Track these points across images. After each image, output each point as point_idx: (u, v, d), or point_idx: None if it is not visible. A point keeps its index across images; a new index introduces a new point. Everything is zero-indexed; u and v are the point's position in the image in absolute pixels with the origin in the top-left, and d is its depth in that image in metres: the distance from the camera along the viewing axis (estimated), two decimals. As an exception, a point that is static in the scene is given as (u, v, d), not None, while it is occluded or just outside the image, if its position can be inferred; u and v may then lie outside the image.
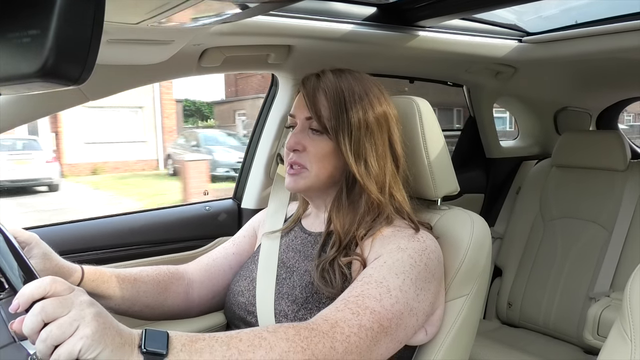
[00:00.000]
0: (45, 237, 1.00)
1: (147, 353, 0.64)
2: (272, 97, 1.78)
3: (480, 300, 1.07)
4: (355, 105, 1.00)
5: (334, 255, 0.98)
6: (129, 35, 1.07)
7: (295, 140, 1.03)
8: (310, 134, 1.03)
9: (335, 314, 0.81)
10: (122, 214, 1.68)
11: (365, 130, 1.00)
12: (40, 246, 0.96)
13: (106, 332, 0.62)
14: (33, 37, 0.45)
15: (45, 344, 0.60)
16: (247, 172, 1.83)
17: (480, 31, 1.82)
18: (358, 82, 1.04)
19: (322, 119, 1.01)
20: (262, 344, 0.72)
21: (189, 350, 0.67)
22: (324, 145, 1.02)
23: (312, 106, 1.01)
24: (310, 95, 1.02)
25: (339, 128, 1.00)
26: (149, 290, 1.09)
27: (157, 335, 0.66)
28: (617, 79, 2.35)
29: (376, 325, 0.82)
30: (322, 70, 1.06)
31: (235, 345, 0.70)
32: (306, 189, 1.05)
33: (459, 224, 1.07)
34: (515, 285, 2.25)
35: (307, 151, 1.03)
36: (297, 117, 1.05)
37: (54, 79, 0.46)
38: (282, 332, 0.75)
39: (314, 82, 1.04)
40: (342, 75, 1.04)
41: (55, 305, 0.62)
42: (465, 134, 2.57)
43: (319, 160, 1.02)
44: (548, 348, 2.01)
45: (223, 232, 1.74)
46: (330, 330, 0.78)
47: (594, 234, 2.08)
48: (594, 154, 2.16)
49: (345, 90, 1.01)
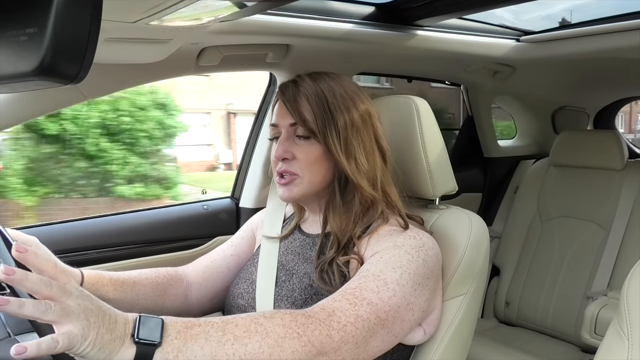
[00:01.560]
0: (44, 236, 1.00)
1: (139, 343, 0.64)
2: (270, 96, 1.77)
3: (478, 300, 1.07)
4: (339, 106, 1.00)
5: (333, 256, 0.98)
6: (126, 34, 1.07)
7: (283, 148, 1.02)
8: (297, 141, 1.02)
9: (333, 304, 0.82)
10: (119, 213, 1.68)
11: (351, 129, 1.00)
12: (40, 249, 0.96)
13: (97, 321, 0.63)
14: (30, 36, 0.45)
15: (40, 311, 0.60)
16: (245, 171, 1.83)
17: (478, 30, 1.82)
18: (336, 83, 1.03)
19: (308, 124, 1.00)
20: (258, 330, 0.72)
21: (184, 337, 0.67)
22: (313, 149, 1.01)
23: (295, 112, 1.00)
24: (292, 102, 1.01)
25: (326, 130, 0.99)
26: (148, 293, 1.08)
27: (151, 323, 0.66)
28: (615, 78, 2.35)
29: (373, 317, 0.82)
30: (298, 75, 1.06)
31: (231, 330, 0.70)
32: (300, 196, 1.04)
33: (456, 223, 1.08)
34: (513, 284, 2.25)
35: (296, 158, 1.02)
36: (281, 125, 1.04)
37: (51, 77, 0.46)
38: (278, 318, 0.74)
39: (292, 88, 1.03)
40: (319, 78, 1.04)
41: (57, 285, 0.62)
42: (463, 133, 2.57)
43: (310, 165, 1.01)
44: (545, 347, 2.02)
45: (221, 231, 1.74)
46: (327, 319, 0.78)
47: (591, 233, 2.09)
48: (592, 153, 2.16)
49: (325, 92, 1.01)
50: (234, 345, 0.69)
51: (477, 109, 2.43)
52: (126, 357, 0.64)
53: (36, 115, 1.31)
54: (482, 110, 2.43)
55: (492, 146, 2.51)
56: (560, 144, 2.26)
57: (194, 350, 0.66)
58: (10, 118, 1.24)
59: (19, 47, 0.47)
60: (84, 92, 1.30)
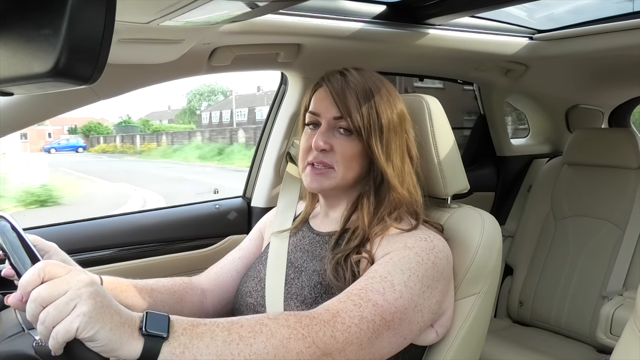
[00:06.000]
0: (57, 236, 1.01)
1: (147, 335, 0.64)
2: (282, 95, 1.78)
3: (491, 299, 1.07)
4: (384, 105, 1.00)
5: (351, 249, 0.97)
6: (139, 35, 1.08)
7: (323, 139, 1.00)
8: (338, 134, 1.01)
9: (337, 305, 0.82)
10: (133, 212, 1.69)
11: (392, 131, 1.00)
12: (58, 254, 0.97)
13: (104, 310, 0.63)
14: (45, 37, 0.46)
15: (45, 326, 0.61)
16: (257, 171, 1.84)
17: (491, 29, 1.81)
18: (379, 80, 1.03)
19: (355, 120, 0.99)
20: (263, 330, 0.72)
21: (190, 334, 0.67)
22: (353, 145, 1.00)
23: (343, 106, 0.99)
24: (340, 94, 1.00)
25: (370, 129, 0.99)
26: (166, 299, 1.08)
27: (159, 318, 0.66)
28: (629, 76, 2.32)
29: (378, 318, 0.82)
30: (345, 68, 1.05)
31: (237, 330, 0.71)
32: (331, 189, 1.04)
33: (469, 222, 1.07)
34: (526, 283, 2.23)
35: (334, 151, 1.01)
36: (323, 115, 1.02)
37: (66, 78, 0.47)
38: (283, 319, 0.75)
39: (340, 80, 1.01)
40: (366, 74, 1.03)
41: (50, 288, 0.63)
42: (475, 132, 2.55)
43: (346, 160, 1.01)
44: (560, 347, 2.00)
45: (233, 231, 1.74)
46: (332, 320, 0.78)
47: (606, 232, 2.06)
48: (606, 152, 2.14)
49: (373, 90, 1.00)
50: (239, 345, 0.69)
51: (490, 108, 2.41)
52: (135, 347, 0.64)
53: (51, 116, 1.33)
54: (495, 109, 2.41)
55: (505, 145, 2.50)
56: (574, 143, 2.24)
57: (199, 347, 0.67)
58: (25, 118, 1.26)
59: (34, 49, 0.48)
60: (97, 93, 1.31)
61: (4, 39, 0.50)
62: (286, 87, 1.76)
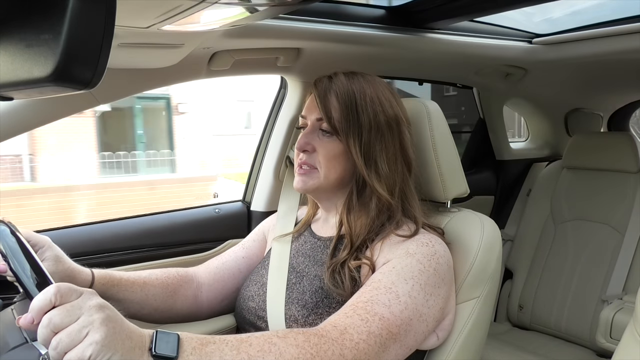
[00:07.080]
0: (58, 240, 1.01)
1: (157, 356, 0.65)
2: (281, 99, 1.78)
3: (491, 303, 1.07)
4: (366, 108, 1.01)
5: (345, 258, 0.98)
6: (139, 39, 1.08)
7: (305, 140, 1.04)
8: (320, 135, 1.04)
9: (345, 320, 0.82)
10: (132, 216, 1.69)
11: (375, 133, 1.01)
12: (52, 249, 0.97)
13: (116, 336, 0.62)
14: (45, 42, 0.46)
15: (57, 352, 0.61)
16: (257, 175, 1.83)
17: (490, 33, 1.81)
18: (370, 85, 1.04)
19: (333, 120, 1.01)
20: (272, 350, 0.72)
21: (199, 353, 0.67)
22: (334, 146, 1.02)
23: (322, 107, 1.02)
24: (322, 97, 1.03)
25: (349, 130, 1.00)
26: (158, 293, 1.09)
27: (168, 338, 0.66)
28: (629, 80, 2.33)
29: (385, 332, 0.82)
30: (335, 72, 1.06)
31: (245, 349, 0.71)
32: (314, 189, 1.05)
33: (469, 226, 1.07)
34: (526, 287, 2.23)
35: (316, 152, 1.03)
36: (308, 118, 1.06)
37: (66, 83, 0.47)
38: (291, 338, 0.75)
39: (325, 83, 1.04)
40: (354, 78, 1.04)
41: (62, 314, 0.62)
42: (475, 136, 2.56)
43: (328, 161, 1.02)
44: (560, 351, 2.00)
45: (233, 235, 1.74)
46: (340, 337, 0.78)
47: (606, 236, 2.06)
48: (606, 156, 2.14)
49: (356, 92, 1.01)
50: None
51: (489, 112, 2.42)
52: None
53: (50, 121, 1.32)
54: (494, 113, 2.42)
55: (505, 149, 2.50)
56: (574, 147, 2.24)
57: None
58: (27, 122, 1.26)
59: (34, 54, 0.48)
60: (97, 97, 1.31)
61: (4, 44, 0.50)
62: (285, 91, 1.76)
